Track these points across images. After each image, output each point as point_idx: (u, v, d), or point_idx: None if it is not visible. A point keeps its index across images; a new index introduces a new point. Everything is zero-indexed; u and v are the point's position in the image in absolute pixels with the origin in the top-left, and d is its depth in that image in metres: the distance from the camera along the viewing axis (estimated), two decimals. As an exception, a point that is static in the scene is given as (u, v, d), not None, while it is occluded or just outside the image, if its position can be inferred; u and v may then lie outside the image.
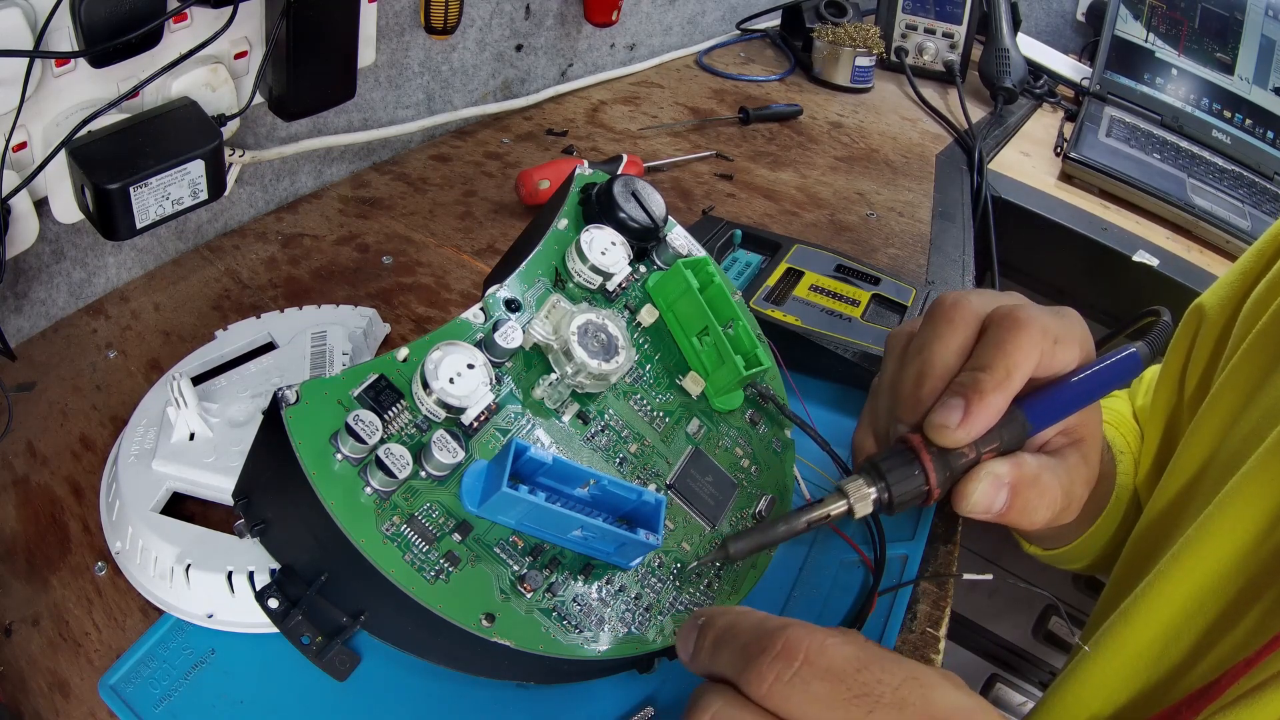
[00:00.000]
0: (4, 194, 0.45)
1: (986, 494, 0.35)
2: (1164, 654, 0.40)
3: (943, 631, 0.44)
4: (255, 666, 0.37)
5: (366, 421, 0.32)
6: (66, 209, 0.50)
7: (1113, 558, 0.55)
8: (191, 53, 0.50)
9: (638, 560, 0.36)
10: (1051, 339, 0.36)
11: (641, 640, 0.36)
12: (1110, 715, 0.41)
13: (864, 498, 0.34)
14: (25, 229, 0.49)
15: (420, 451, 0.33)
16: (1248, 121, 1.12)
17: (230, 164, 0.62)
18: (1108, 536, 0.53)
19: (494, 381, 0.35)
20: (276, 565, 0.36)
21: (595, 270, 0.41)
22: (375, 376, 0.34)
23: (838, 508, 0.34)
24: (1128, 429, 0.56)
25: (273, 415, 0.33)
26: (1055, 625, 1.27)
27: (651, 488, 0.38)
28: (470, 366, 0.35)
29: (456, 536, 0.33)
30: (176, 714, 0.35)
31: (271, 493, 0.35)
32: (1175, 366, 0.52)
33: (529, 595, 0.34)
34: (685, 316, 0.43)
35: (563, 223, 0.42)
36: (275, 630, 0.35)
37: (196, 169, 0.51)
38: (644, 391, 0.41)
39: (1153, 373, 0.57)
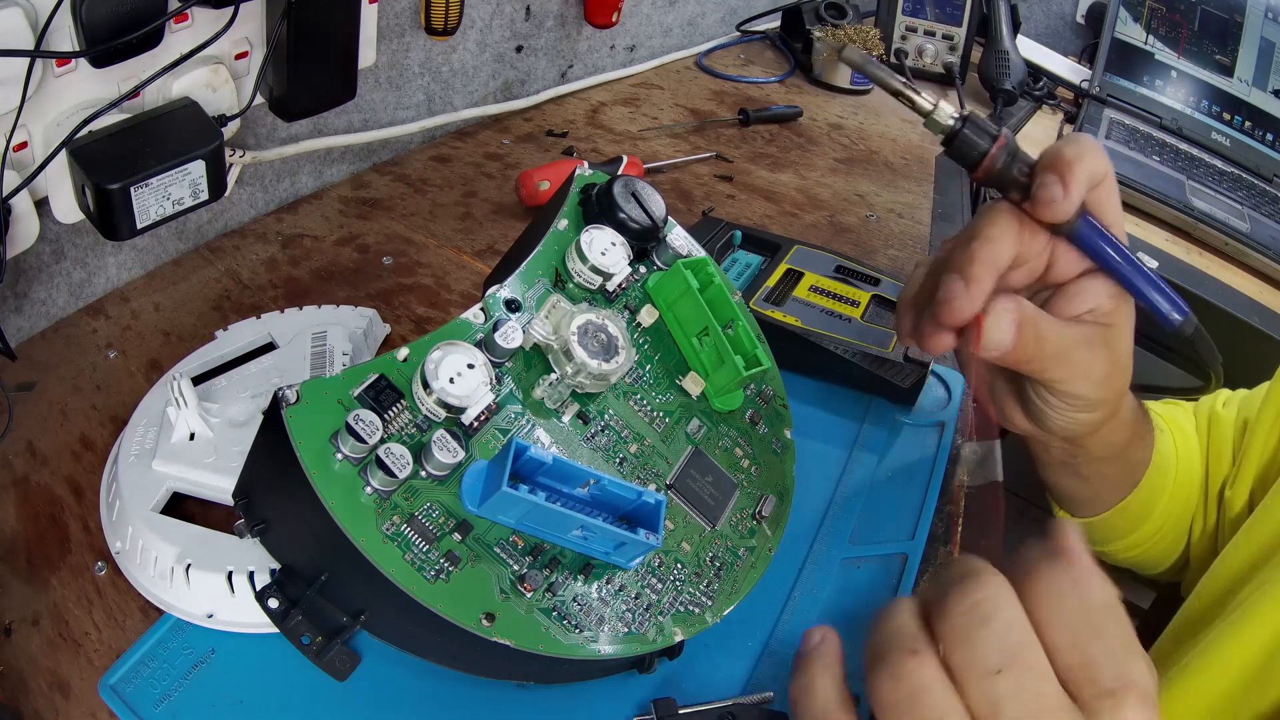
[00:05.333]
0: (4, 194, 0.45)
1: (1000, 326, 0.35)
2: (1249, 695, 0.40)
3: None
4: (255, 666, 0.37)
5: (367, 421, 0.32)
6: (67, 209, 0.50)
7: (1172, 553, 0.55)
8: (192, 53, 0.50)
9: (638, 560, 0.36)
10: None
11: (642, 640, 0.36)
12: None
13: (948, 113, 0.35)
14: (26, 229, 0.49)
15: (420, 451, 0.33)
16: (1247, 124, 1.12)
17: (231, 164, 0.62)
18: (1153, 515, 0.53)
19: (494, 381, 0.36)
20: (276, 565, 0.36)
21: (595, 271, 0.41)
22: (375, 376, 0.34)
23: (926, 100, 0.35)
24: (1174, 425, 0.56)
25: (273, 415, 0.33)
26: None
27: (651, 488, 0.39)
28: (470, 366, 0.35)
29: (456, 536, 0.33)
30: (176, 714, 0.35)
31: (271, 493, 0.35)
32: None
33: (529, 595, 0.34)
34: (685, 317, 0.43)
35: (563, 223, 0.43)
36: (275, 630, 0.35)
37: (197, 169, 0.51)
38: (644, 392, 0.41)
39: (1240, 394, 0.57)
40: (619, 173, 0.55)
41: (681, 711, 0.37)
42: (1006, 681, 0.25)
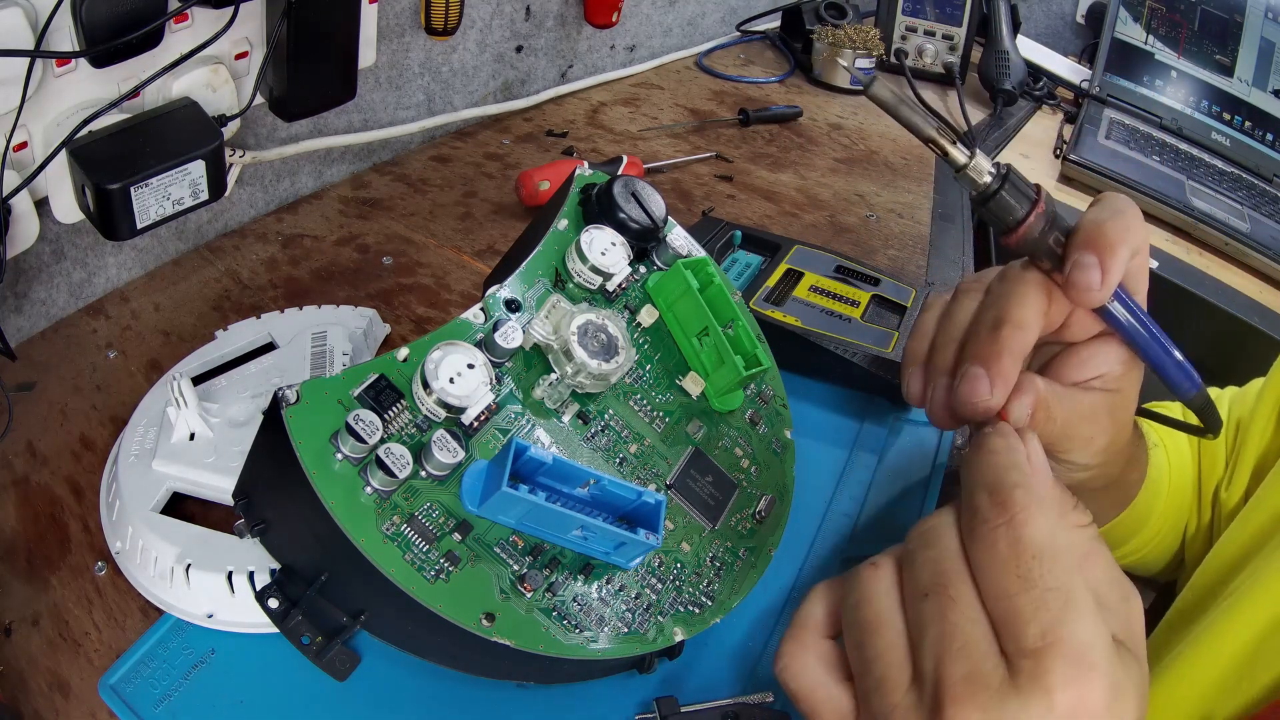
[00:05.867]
0: (5, 194, 0.45)
1: (1020, 412, 0.33)
2: (1241, 682, 0.40)
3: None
4: (255, 666, 0.37)
5: (367, 421, 0.32)
6: (67, 209, 0.50)
7: (1167, 555, 0.56)
8: (192, 53, 0.50)
9: (637, 560, 0.36)
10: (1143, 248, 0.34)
11: (642, 640, 0.36)
12: None
13: (985, 169, 0.32)
14: (26, 229, 0.49)
15: (420, 451, 0.33)
16: (1247, 124, 1.12)
17: (231, 164, 0.62)
18: (1147, 527, 0.53)
19: (494, 381, 0.36)
20: (276, 565, 0.36)
21: (595, 271, 0.41)
22: (375, 376, 0.34)
23: (961, 152, 0.32)
24: (1165, 432, 0.56)
25: (273, 415, 0.33)
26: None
27: (651, 488, 0.39)
28: (470, 366, 0.35)
29: (456, 536, 0.33)
30: (176, 714, 0.35)
31: (271, 493, 0.35)
32: None
33: (529, 595, 0.34)
34: (685, 317, 0.43)
35: (563, 223, 0.43)
36: (275, 630, 0.35)
37: (197, 169, 0.51)
38: (644, 392, 0.41)
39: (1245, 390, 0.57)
40: (619, 173, 0.55)
41: (684, 710, 0.37)
42: (930, 606, 0.25)
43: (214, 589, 0.38)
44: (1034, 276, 0.33)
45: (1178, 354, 0.35)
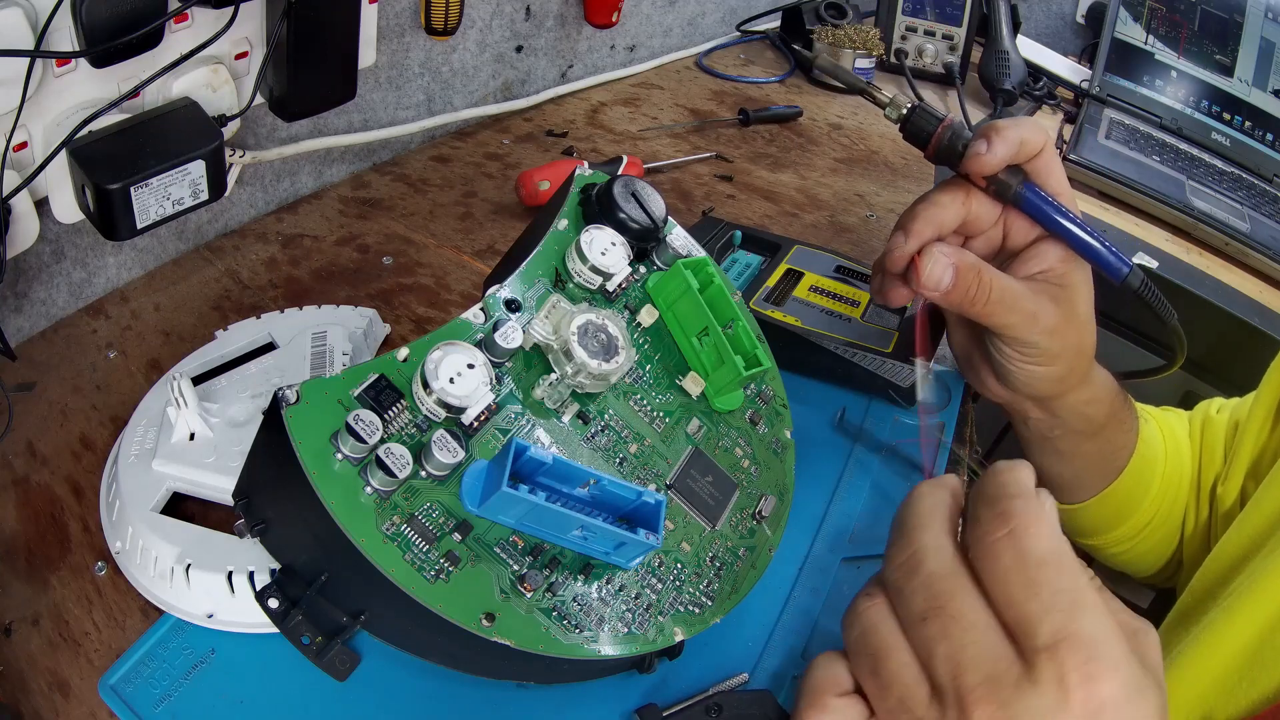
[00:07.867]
0: (5, 194, 0.45)
1: (936, 266, 0.39)
2: (1241, 683, 0.40)
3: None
4: (255, 666, 0.37)
5: (367, 421, 0.32)
6: (67, 209, 0.50)
7: (1164, 553, 0.56)
8: (192, 53, 0.50)
9: (637, 560, 0.36)
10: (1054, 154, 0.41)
11: (642, 640, 0.36)
12: None
13: (902, 103, 0.41)
14: (26, 229, 0.49)
15: (420, 451, 0.33)
16: (1247, 124, 1.12)
17: (231, 164, 0.62)
18: (1141, 509, 0.54)
19: (494, 381, 0.36)
20: (276, 565, 0.36)
21: (595, 271, 0.41)
22: (375, 376, 0.34)
23: (884, 95, 0.42)
24: (1165, 425, 0.57)
25: (273, 415, 0.33)
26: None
27: (651, 488, 0.39)
28: (470, 366, 0.35)
29: (456, 536, 0.33)
30: (176, 714, 0.35)
31: (271, 493, 0.35)
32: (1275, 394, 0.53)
33: (529, 595, 0.34)
34: (685, 317, 0.43)
35: (563, 223, 0.43)
36: (275, 630, 0.35)
37: (197, 169, 0.51)
38: (644, 391, 0.41)
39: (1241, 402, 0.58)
40: (619, 173, 0.55)
41: (665, 713, 0.37)
42: (932, 627, 0.26)
43: (214, 589, 0.38)
44: (952, 178, 0.42)
45: (1103, 239, 0.41)
